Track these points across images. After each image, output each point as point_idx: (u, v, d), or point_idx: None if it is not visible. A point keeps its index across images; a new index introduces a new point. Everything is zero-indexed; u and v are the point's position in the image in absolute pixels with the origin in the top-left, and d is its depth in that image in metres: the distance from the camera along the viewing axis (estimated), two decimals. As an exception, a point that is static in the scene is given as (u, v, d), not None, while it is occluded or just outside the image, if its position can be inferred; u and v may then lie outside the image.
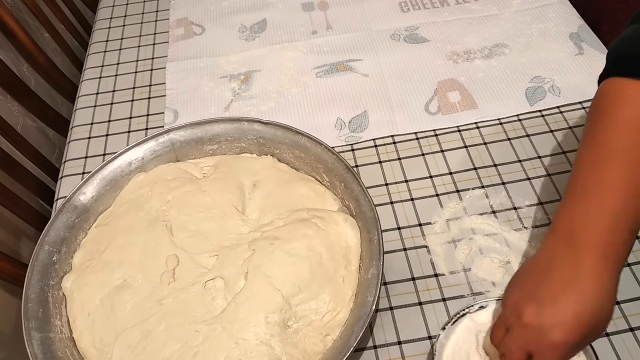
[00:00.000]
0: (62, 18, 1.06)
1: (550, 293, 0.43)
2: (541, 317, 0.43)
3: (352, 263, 0.57)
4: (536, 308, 0.43)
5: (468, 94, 0.78)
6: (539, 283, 0.45)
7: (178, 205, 0.62)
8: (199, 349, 0.51)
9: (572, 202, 0.46)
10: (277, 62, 0.87)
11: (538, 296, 0.44)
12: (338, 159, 0.61)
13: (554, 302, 0.42)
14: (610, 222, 0.43)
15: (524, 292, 0.46)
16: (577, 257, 0.43)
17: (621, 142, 0.45)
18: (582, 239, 0.44)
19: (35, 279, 0.56)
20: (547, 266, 0.45)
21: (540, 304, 0.43)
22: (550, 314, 0.42)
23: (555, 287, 0.43)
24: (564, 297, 0.42)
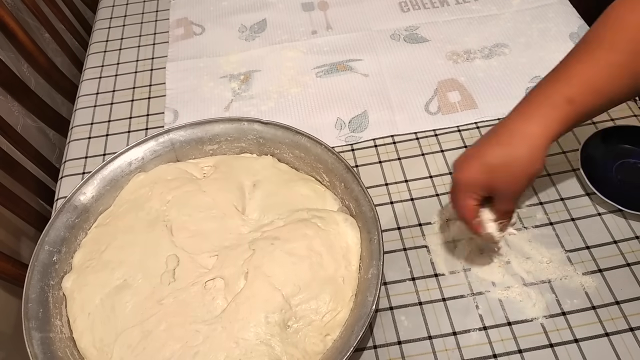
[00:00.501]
0: (62, 18, 1.06)
1: (477, 144, 0.53)
2: (460, 160, 0.53)
3: (352, 263, 0.57)
4: (464, 154, 0.54)
5: (468, 94, 0.78)
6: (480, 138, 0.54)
7: (178, 205, 0.62)
8: (199, 348, 0.51)
9: (543, 83, 0.53)
10: (277, 62, 0.87)
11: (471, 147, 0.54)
12: (338, 159, 0.61)
13: (474, 148, 0.53)
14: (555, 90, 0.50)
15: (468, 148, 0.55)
16: (512, 117, 0.52)
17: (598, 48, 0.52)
18: (525, 103, 0.52)
19: (36, 279, 0.56)
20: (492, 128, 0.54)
21: (467, 152, 0.54)
22: (466, 157, 0.53)
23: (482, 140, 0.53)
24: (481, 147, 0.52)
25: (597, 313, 0.56)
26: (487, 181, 0.51)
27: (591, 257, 0.60)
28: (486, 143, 0.53)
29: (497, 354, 0.54)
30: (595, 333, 0.55)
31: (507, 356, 0.54)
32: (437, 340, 0.56)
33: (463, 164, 0.53)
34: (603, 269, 0.59)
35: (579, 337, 0.55)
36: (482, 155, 0.52)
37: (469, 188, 0.53)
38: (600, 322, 0.55)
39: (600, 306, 0.56)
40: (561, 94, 0.50)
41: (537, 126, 0.50)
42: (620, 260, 0.60)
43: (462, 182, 0.53)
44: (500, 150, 0.51)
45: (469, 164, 0.52)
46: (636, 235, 0.61)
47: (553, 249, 0.61)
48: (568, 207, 0.64)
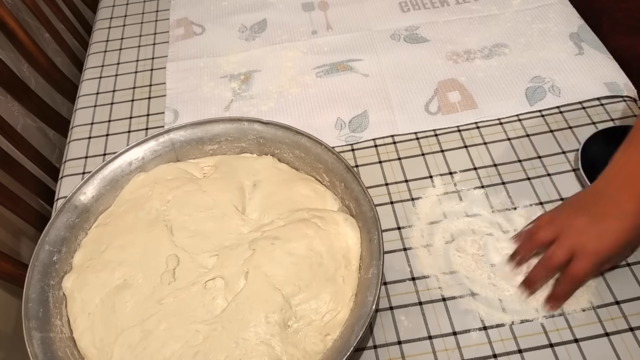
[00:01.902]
0: (62, 18, 1.06)
1: (600, 211, 0.53)
2: (590, 227, 0.53)
3: (352, 263, 0.57)
4: (589, 219, 0.54)
5: (468, 94, 0.78)
6: (591, 204, 0.55)
7: (178, 205, 0.62)
8: (199, 348, 0.51)
9: (629, 151, 0.55)
10: (277, 62, 0.87)
11: (590, 213, 0.54)
12: (338, 159, 0.61)
13: (603, 220, 0.53)
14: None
15: (575, 209, 0.56)
16: (625, 194, 0.52)
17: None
18: (630, 183, 0.52)
19: (36, 279, 0.56)
20: (597, 195, 0.55)
21: (593, 217, 0.53)
22: (597, 227, 0.53)
23: (603, 208, 0.53)
24: (611, 220, 0.52)
25: (597, 313, 0.56)
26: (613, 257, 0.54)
27: (591, 257, 0.60)
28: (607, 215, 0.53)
29: (497, 354, 0.55)
30: (595, 333, 0.55)
31: (507, 356, 0.54)
32: (437, 340, 0.56)
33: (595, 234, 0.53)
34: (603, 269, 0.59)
35: (579, 337, 0.55)
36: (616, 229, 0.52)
37: (604, 261, 0.53)
38: (600, 322, 0.55)
39: (600, 306, 0.56)
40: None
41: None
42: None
43: (604, 253, 0.53)
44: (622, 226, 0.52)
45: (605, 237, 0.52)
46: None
47: (553, 249, 0.61)
48: (568, 207, 0.64)
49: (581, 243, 0.53)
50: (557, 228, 0.55)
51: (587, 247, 0.52)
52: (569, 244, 0.53)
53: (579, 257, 0.53)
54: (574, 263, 0.53)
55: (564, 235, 0.54)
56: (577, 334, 0.55)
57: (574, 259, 0.53)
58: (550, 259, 0.55)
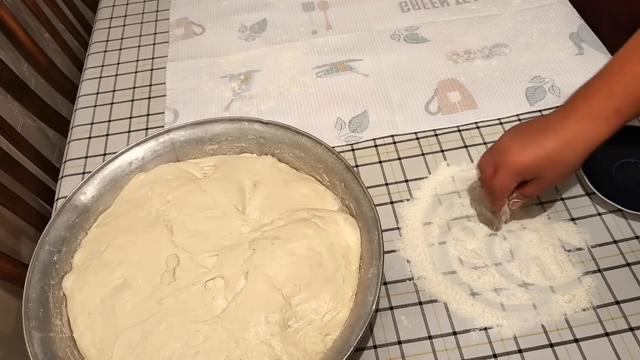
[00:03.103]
0: (62, 18, 1.06)
1: (529, 132, 0.56)
2: (512, 143, 0.56)
3: (352, 263, 0.57)
4: (513, 138, 0.57)
5: (468, 94, 0.78)
6: (526, 126, 0.58)
7: (178, 205, 0.62)
8: (199, 348, 0.51)
9: (587, 83, 0.56)
10: (277, 62, 0.87)
11: (520, 132, 0.57)
12: (338, 159, 0.61)
13: (528, 138, 0.56)
14: (604, 100, 0.54)
15: (513, 130, 0.59)
16: (566, 117, 0.55)
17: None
18: (577, 107, 0.55)
19: (36, 279, 0.56)
20: (539, 119, 0.58)
21: (517, 136, 0.57)
22: (519, 142, 0.56)
23: (535, 130, 0.56)
24: (536, 137, 0.55)
25: (597, 313, 0.56)
26: (538, 169, 0.55)
27: (591, 257, 0.60)
28: (540, 132, 0.55)
29: (497, 354, 0.55)
30: (595, 333, 0.55)
31: (507, 356, 0.54)
32: (437, 340, 0.56)
33: (519, 147, 0.55)
34: (603, 269, 0.59)
35: (579, 337, 0.55)
36: (539, 144, 0.54)
37: (520, 171, 0.56)
38: (600, 322, 0.55)
39: (600, 306, 0.56)
40: (611, 105, 0.53)
41: (586, 131, 0.54)
42: (620, 260, 0.60)
43: (518, 165, 0.55)
44: (555, 144, 0.54)
45: (525, 149, 0.55)
46: (636, 235, 0.61)
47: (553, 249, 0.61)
48: (568, 207, 0.64)
49: (503, 156, 0.56)
50: (492, 149, 0.59)
51: (506, 158, 0.56)
52: (494, 158, 0.57)
53: (498, 169, 0.56)
54: (495, 175, 0.57)
55: (493, 152, 0.58)
56: (577, 334, 0.55)
57: (496, 172, 0.57)
58: (482, 177, 0.59)
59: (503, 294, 0.58)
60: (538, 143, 0.54)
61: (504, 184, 0.57)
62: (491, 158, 0.58)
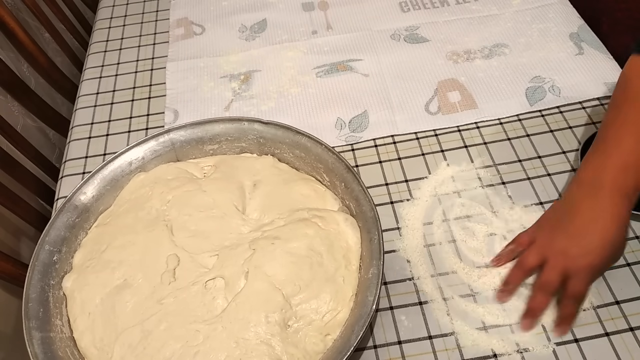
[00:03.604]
0: (62, 18, 1.06)
1: (578, 227, 0.54)
2: (573, 246, 0.54)
3: (353, 263, 0.57)
4: (568, 240, 0.54)
5: (468, 94, 0.78)
6: (567, 221, 0.55)
7: (178, 205, 0.62)
8: (199, 348, 0.51)
9: (594, 157, 0.57)
10: (277, 62, 0.87)
11: (568, 231, 0.55)
12: (338, 159, 0.61)
13: (583, 234, 0.54)
14: (621, 172, 0.54)
15: (554, 228, 0.56)
16: (597, 198, 0.54)
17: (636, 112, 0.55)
18: (600, 186, 0.54)
19: (36, 279, 0.56)
20: (571, 208, 0.56)
21: (571, 237, 0.54)
22: (580, 245, 0.53)
23: (582, 223, 0.54)
24: (590, 230, 0.53)
25: (597, 313, 0.56)
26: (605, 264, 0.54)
27: (591, 257, 0.60)
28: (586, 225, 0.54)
29: (497, 354, 0.55)
30: (595, 333, 0.55)
31: (507, 356, 0.54)
32: (437, 340, 0.56)
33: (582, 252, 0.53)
34: (603, 269, 0.59)
35: (579, 337, 0.55)
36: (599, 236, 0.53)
37: (593, 272, 0.54)
38: (600, 322, 0.55)
39: (600, 306, 0.56)
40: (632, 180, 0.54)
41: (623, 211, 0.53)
42: (620, 260, 0.59)
43: (594, 267, 0.53)
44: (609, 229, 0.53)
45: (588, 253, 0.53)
46: (636, 235, 0.61)
47: (553, 248, 0.61)
48: (568, 207, 0.64)
49: (570, 264, 0.53)
50: (541, 252, 0.56)
51: (578, 265, 0.53)
52: (559, 268, 0.54)
53: (573, 277, 0.53)
54: (570, 283, 0.53)
55: (552, 260, 0.54)
56: (577, 334, 0.55)
57: (570, 280, 0.53)
58: (543, 284, 0.55)
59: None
60: (595, 235, 0.53)
61: (585, 289, 0.54)
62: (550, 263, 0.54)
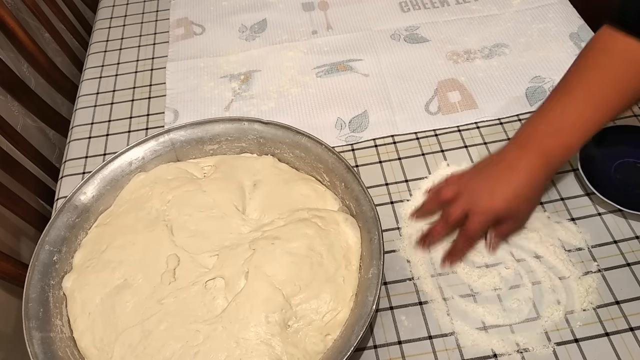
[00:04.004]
0: (62, 18, 1.06)
1: (493, 174, 0.59)
2: (481, 188, 0.58)
3: (353, 263, 0.57)
4: (480, 182, 0.59)
5: (468, 93, 0.78)
6: (488, 168, 0.60)
7: (178, 205, 0.62)
8: (199, 348, 0.51)
9: (533, 117, 0.60)
10: (277, 62, 0.87)
11: (484, 175, 0.60)
12: (338, 159, 0.61)
13: (494, 180, 0.58)
14: (551, 136, 0.57)
15: (480, 171, 0.61)
16: (521, 154, 0.58)
17: (586, 79, 0.58)
18: (529, 145, 0.58)
19: (36, 279, 0.56)
20: (497, 159, 0.61)
21: (484, 180, 0.59)
22: (487, 186, 0.58)
23: (497, 171, 0.59)
24: (502, 179, 0.58)
25: (597, 313, 0.56)
26: (512, 209, 0.58)
27: (591, 257, 0.60)
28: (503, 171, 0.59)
29: (497, 354, 0.55)
30: (595, 333, 0.55)
31: (507, 356, 0.54)
32: (437, 340, 0.56)
33: (488, 191, 0.58)
34: (603, 269, 0.59)
35: (579, 337, 0.55)
36: (507, 185, 0.58)
37: (494, 216, 0.58)
38: (600, 322, 0.55)
39: (600, 306, 0.56)
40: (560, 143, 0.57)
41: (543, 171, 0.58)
42: (620, 260, 0.60)
43: (493, 210, 0.57)
44: (519, 184, 0.57)
45: (494, 193, 0.57)
46: (636, 235, 0.61)
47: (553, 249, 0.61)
48: (568, 207, 0.64)
49: (474, 202, 0.58)
50: (458, 188, 0.60)
51: (479, 205, 0.57)
52: (463, 202, 0.58)
53: (471, 214, 0.58)
54: (467, 220, 0.58)
55: (461, 195, 0.59)
56: (577, 334, 0.55)
57: (468, 217, 0.58)
58: (447, 216, 0.59)
59: (503, 294, 0.58)
60: (507, 184, 0.57)
61: (479, 228, 0.58)
62: (460, 199, 0.59)
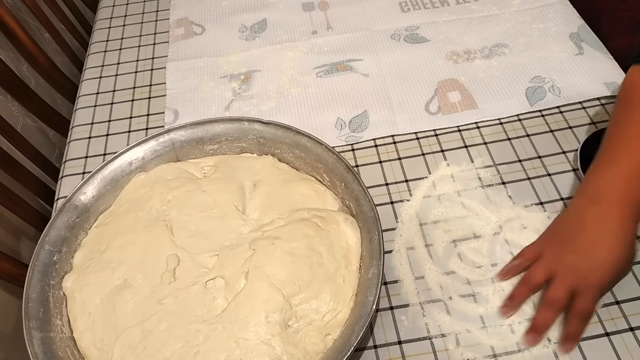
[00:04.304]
0: (62, 18, 1.06)
1: (585, 243, 0.54)
2: (582, 262, 0.53)
3: (353, 263, 0.57)
4: (576, 256, 0.54)
5: (468, 93, 0.78)
6: (573, 236, 0.55)
7: (178, 205, 0.62)
8: (199, 348, 0.51)
9: (598, 169, 0.56)
10: (277, 62, 0.87)
11: (576, 247, 0.54)
12: (338, 159, 0.61)
13: (590, 250, 0.53)
14: (629, 183, 0.54)
15: (561, 243, 0.56)
16: (604, 211, 0.54)
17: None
18: (606, 198, 0.54)
19: (36, 279, 0.56)
20: (577, 222, 0.55)
21: (579, 253, 0.53)
22: (588, 261, 0.53)
23: (589, 238, 0.54)
24: (598, 245, 0.53)
25: (597, 313, 0.56)
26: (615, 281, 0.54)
27: (591, 257, 0.60)
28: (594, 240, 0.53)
29: (497, 354, 0.55)
30: (595, 333, 0.55)
31: (507, 356, 0.54)
32: (437, 340, 0.56)
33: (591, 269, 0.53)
34: (603, 269, 0.59)
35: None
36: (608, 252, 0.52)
37: (604, 290, 0.53)
38: (600, 322, 0.55)
39: (600, 306, 0.56)
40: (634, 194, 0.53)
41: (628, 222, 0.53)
42: (620, 260, 0.59)
43: (605, 283, 0.53)
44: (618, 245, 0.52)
45: (597, 269, 0.52)
46: (636, 236, 0.61)
47: (553, 248, 0.61)
48: (568, 207, 0.64)
49: (578, 281, 0.53)
50: (548, 267, 0.55)
51: (587, 282, 0.52)
52: (567, 284, 0.53)
53: (581, 294, 0.52)
54: (578, 301, 0.53)
55: (560, 277, 0.54)
56: (577, 334, 0.55)
57: (577, 297, 0.53)
58: (554, 302, 0.54)
59: (503, 294, 0.58)
60: (604, 251, 0.52)
61: (593, 307, 0.53)
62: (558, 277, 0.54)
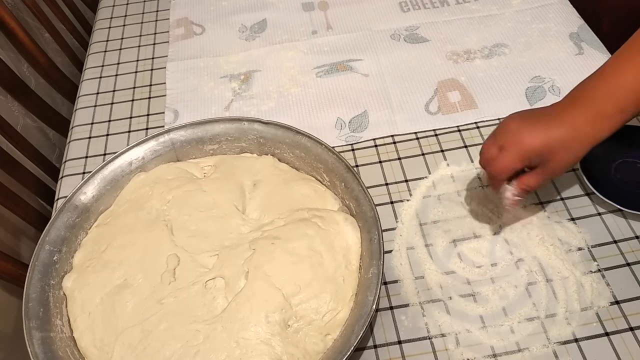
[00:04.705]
0: (62, 18, 1.06)
1: (535, 118, 0.56)
2: (521, 126, 0.56)
3: (353, 262, 0.57)
4: (519, 120, 0.57)
5: (468, 93, 0.78)
6: (532, 114, 0.58)
7: (178, 204, 0.62)
8: (199, 348, 0.51)
9: (591, 77, 0.57)
10: (277, 62, 0.87)
11: (526, 118, 0.57)
12: (338, 159, 0.61)
13: (536, 122, 0.56)
14: (608, 97, 0.54)
15: (518, 117, 0.58)
16: (571, 109, 0.56)
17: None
18: (581, 101, 0.56)
19: (36, 279, 0.56)
20: (545, 110, 0.58)
21: (523, 120, 0.57)
22: (527, 125, 0.56)
23: (541, 116, 0.56)
24: (543, 122, 0.55)
25: (597, 313, 0.56)
26: (546, 153, 0.55)
27: (591, 257, 0.60)
28: (546, 119, 0.56)
29: (497, 354, 0.55)
30: (595, 333, 0.55)
31: (507, 356, 0.54)
32: (437, 340, 0.56)
33: (528, 130, 0.55)
34: (603, 269, 0.59)
35: (579, 336, 0.55)
36: (548, 129, 0.55)
37: (529, 153, 0.55)
38: (600, 322, 0.55)
39: (600, 306, 0.56)
40: (614, 104, 0.54)
41: (590, 128, 0.54)
42: (620, 260, 0.60)
43: (528, 146, 0.55)
44: (563, 131, 0.54)
45: (534, 132, 0.55)
46: (636, 235, 0.61)
47: (553, 249, 0.61)
48: (568, 207, 0.64)
49: (509, 138, 0.56)
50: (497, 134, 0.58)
51: (513, 140, 0.55)
52: (498, 142, 0.56)
53: (503, 150, 0.56)
54: (498, 156, 0.56)
55: (495, 136, 0.58)
56: (577, 334, 0.55)
57: (500, 152, 0.56)
58: (483, 154, 0.58)
59: (503, 293, 0.58)
60: (546, 128, 0.55)
61: (508, 164, 0.56)
62: (496, 140, 0.57)
